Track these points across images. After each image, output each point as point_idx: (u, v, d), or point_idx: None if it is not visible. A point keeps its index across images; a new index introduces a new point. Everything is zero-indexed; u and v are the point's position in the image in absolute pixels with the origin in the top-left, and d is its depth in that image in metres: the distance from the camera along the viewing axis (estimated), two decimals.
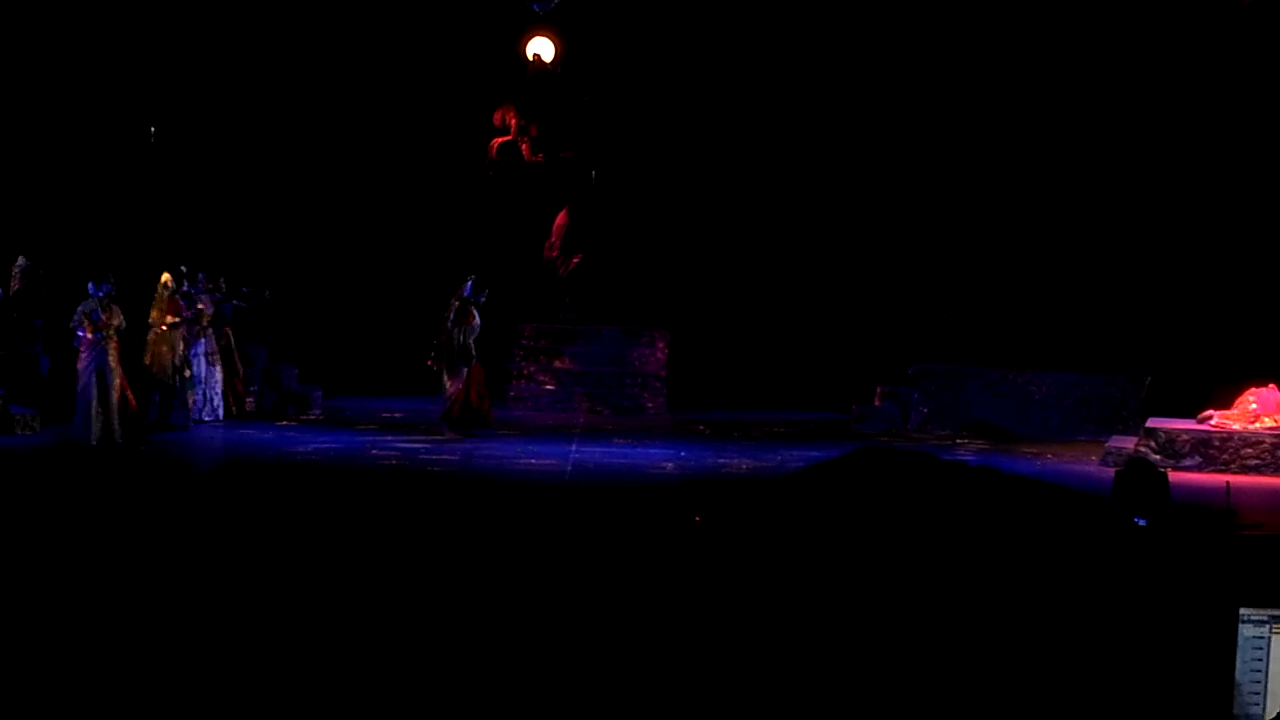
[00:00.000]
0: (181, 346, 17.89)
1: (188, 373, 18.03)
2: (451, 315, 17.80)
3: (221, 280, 19.20)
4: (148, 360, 17.72)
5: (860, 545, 3.23)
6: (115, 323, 16.19)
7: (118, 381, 16.17)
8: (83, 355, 16.01)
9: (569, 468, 15.32)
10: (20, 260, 18.63)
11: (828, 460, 3.46)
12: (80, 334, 16.01)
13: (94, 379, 15.88)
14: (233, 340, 19.22)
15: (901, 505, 3.32)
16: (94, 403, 15.87)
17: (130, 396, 16.78)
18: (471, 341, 17.78)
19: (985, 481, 3.45)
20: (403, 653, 7.00)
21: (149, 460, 15.34)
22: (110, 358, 16.07)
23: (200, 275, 18.60)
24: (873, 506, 3.31)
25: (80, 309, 16.09)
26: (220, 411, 18.70)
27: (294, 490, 13.60)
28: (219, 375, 18.71)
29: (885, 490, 3.35)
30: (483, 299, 17.98)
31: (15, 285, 18.41)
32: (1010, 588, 3.29)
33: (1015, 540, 3.34)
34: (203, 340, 18.45)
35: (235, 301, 19.25)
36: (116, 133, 22.18)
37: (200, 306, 18.38)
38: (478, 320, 17.87)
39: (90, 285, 16.24)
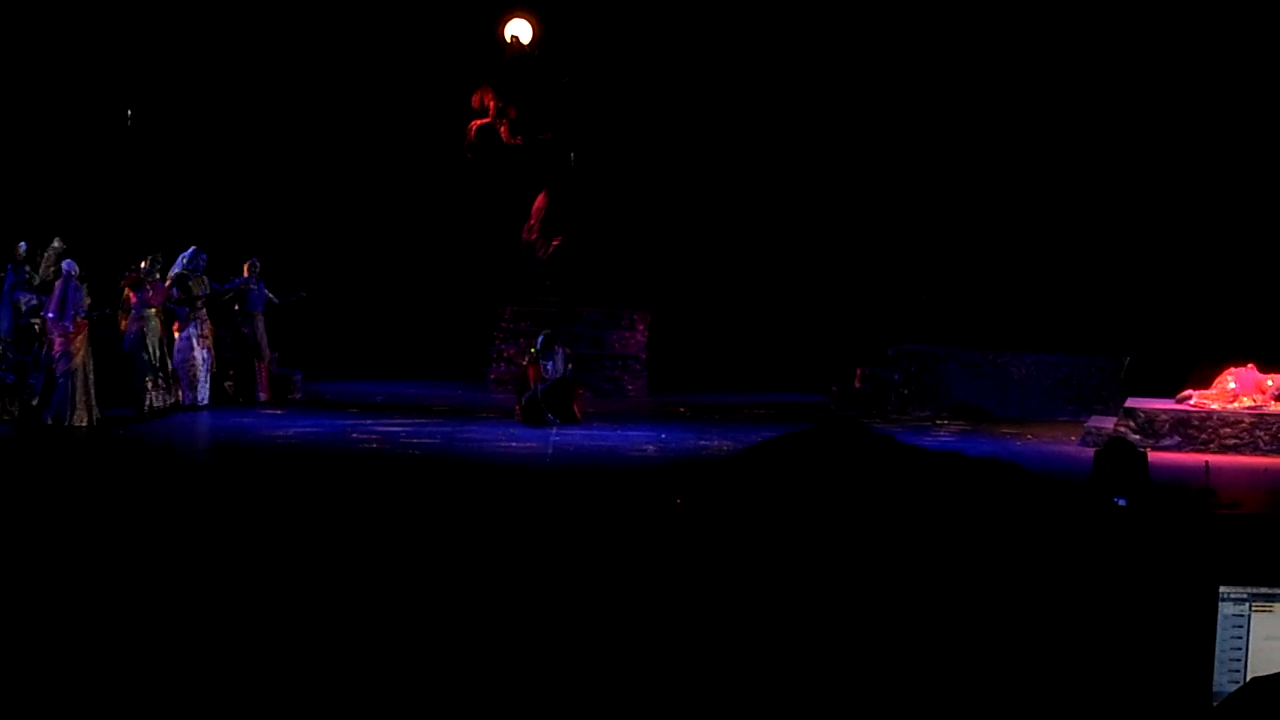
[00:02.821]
0: (156, 327, 17.82)
1: (145, 355, 17.93)
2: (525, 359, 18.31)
3: (256, 260, 19.20)
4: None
5: (817, 525, 3.22)
6: (87, 305, 16.17)
7: (90, 365, 16.17)
8: (58, 341, 15.93)
9: (550, 450, 15.31)
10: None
11: (777, 437, 3.44)
12: (67, 321, 15.94)
13: (73, 363, 15.83)
14: (262, 327, 19.23)
15: (861, 480, 3.30)
16: (78, 388, 15.83)
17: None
18: (555, 374, 17.88)
19: (946, 461, 3.43)
20: (384, 638, 6.99)
21: (128, 446, 15.28)
22: (84, 344, 16.02)
23: (197, 257, 18.53)
24: (829, 482, 3.29)
25: (71, 295, 15.99)
26: (205, 396, 18.54)
27: (274, 474, 13.57)
28: (210, 359, 18.59)
29: (843, 466, 3.33)
30: (558, 358, 18.07)
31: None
32: (985, 568, 3.29)
33: (988, 518, 3.34)
34: (194, 324, 18.35)
35: (270, 296, 19.30)
36: (93, 117, 22.09)
37: (197, 291, 18.35)
38: (550, 369, 17.87)
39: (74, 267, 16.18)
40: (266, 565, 8.92)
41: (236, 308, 19.24)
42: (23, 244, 17.29)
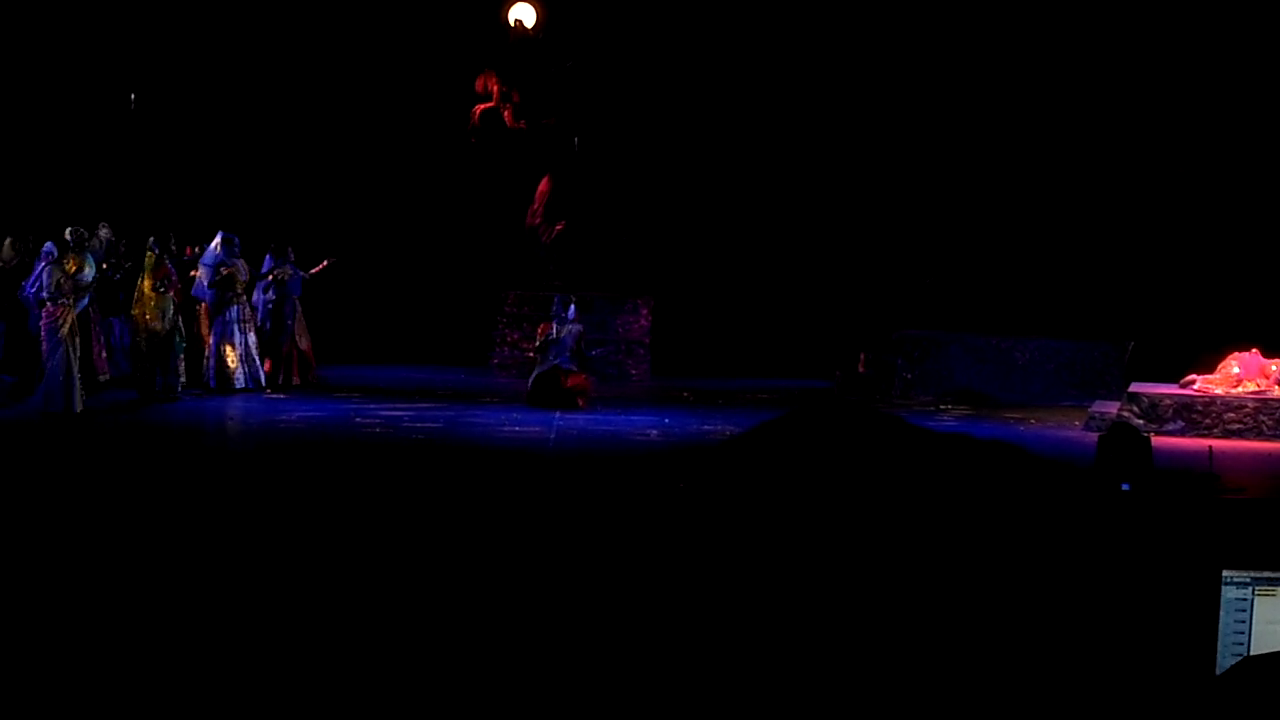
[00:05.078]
0: (172, 311, 17.70)
1: (178, 338, 17.89)
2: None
3: (290, 250, 19.20)
4: (136, 325, 17.72)
5: (822, 506, 3.21)
6: (68, 287, 15.97)
7: (78, 343, 16.03)
8: (45, 323, 15.85)
9: (553, 435, 15.31)
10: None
11: (779, 417, 3.43)
12: (44, 300, 15.87)
13: (61, 346, 15.70)
14: (300, 310, 19.23)
15: (867, 460, 3.29)
16: (61, 372, 15.70)
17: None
18: (562, 334, 18.05)
19: (953, 443, 3.43)
20: (387, 622, 7.00)
21: (132, 430, 15.28)
22: (67, 325, 15.84)
23: (236, 240, 18.49)
24: (834, 463, 3.28)
25: (47, 276, 15.89)
26: (261, 379, 18.54)
27: (278, 458, 13.57)
28: (253, 342, 18.58)
29: (849, 447, 3.32)
30: (571, 331, 18.13)
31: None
32: (991, 550, 3.29)
33: (995, 499, 3.34)
34: (234, 307, 18.33)
35: (299, 272, 19.26)
36: (97, 100, 22.08)
37: (227, 272, 18.28)
38: (553, 332, 18.03)
39: (53, 249, 16.05)
40: (269, 549, 8.93)
41: (273, 295, 19.16)
42: (69, 230, 17.20)
